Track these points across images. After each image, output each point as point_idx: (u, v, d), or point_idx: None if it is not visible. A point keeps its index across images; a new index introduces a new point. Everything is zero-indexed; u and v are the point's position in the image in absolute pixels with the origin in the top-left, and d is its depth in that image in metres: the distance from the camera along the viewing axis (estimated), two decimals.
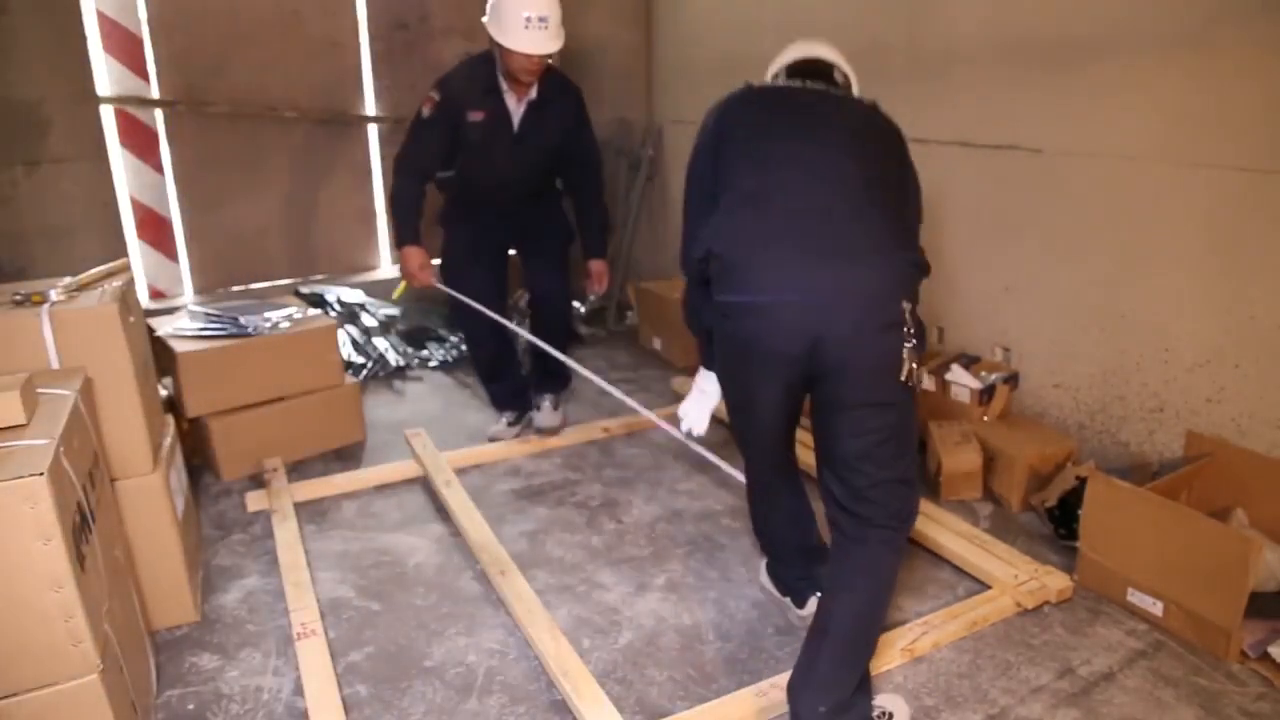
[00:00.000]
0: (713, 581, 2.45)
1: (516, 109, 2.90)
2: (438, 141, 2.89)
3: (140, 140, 3.85)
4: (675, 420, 2.29)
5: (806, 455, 3.04)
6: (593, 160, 3.17)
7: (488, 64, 2.86)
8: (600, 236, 3.22)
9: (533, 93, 2.88)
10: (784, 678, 1.99)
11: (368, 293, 4.31)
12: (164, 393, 2.85)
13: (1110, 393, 2.76)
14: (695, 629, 2.25)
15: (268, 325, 3.10)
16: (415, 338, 4.27)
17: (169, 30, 3.77)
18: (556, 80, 2.94)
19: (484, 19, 2.78)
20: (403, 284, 3.07)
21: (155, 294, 4.06)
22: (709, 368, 2.14)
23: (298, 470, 3.09)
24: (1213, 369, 2.47)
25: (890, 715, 1.86)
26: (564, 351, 3.12)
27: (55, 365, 1.95)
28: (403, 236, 2.95)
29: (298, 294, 4.00)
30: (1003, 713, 1.94)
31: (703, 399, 2.19)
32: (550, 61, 2.83)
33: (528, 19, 2.66)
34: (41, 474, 1.46)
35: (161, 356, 2.82)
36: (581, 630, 2.24)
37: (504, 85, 2.86)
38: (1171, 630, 2.17)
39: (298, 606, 2.24)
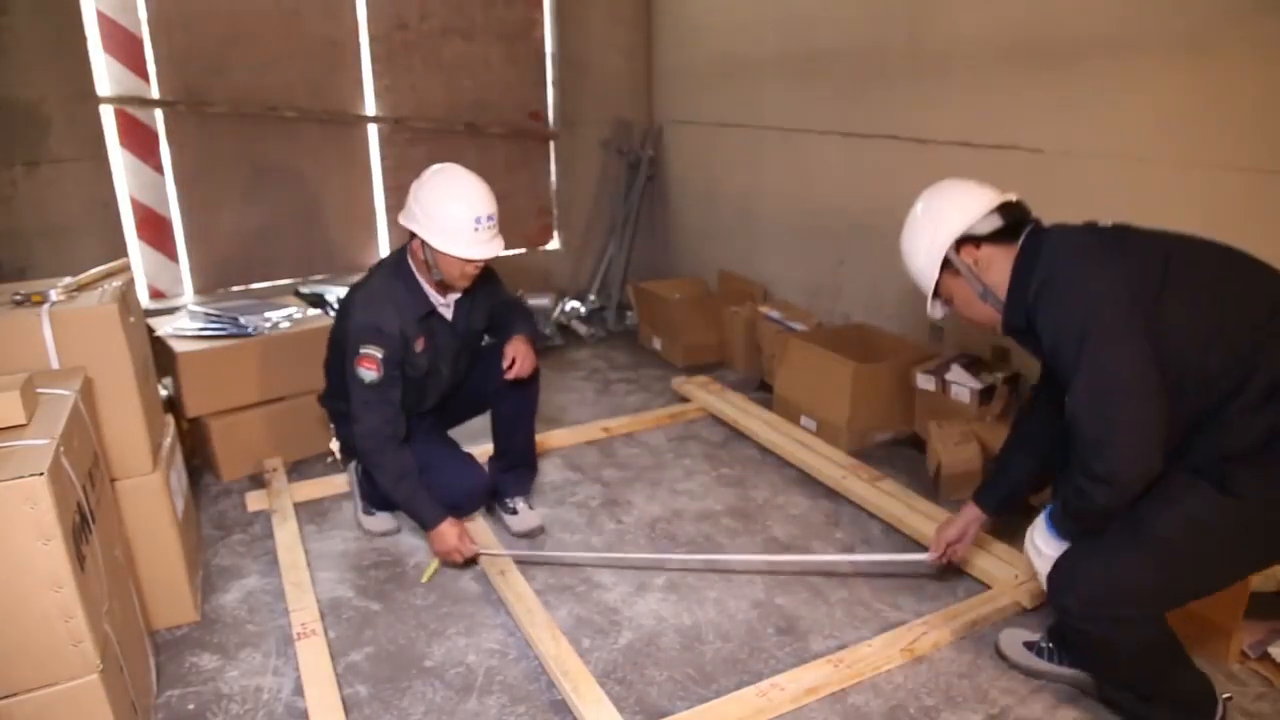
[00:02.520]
0: (713, 581, 2.44)
1: (448, 306, 2.49)
2: (398, 394, 2.37)
3: (140, 140, 3.85)
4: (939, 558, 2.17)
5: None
6: (510, 297, 2.74)
7: (408, 282, 2.38)
8: (525, 320, 2.68)
9: None
10: (784, 677, 2.00)
11: None
12: (164, 393, 2.85)
13: None
14: (695, 629, 2.25)
15: (268, 325, 3.10)
16: None
17: (169, 30, 3.77)
18: None
19: (401, 220, 2.34)
20: (435, 563, 2.49)
21: (155, 294, 4.06)
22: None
23: (298, 470, 3.09)
24: None
25: None
26: (532, 431, 2.79)
27: (55, 365, 1.95)
28: (429, 516, 2.39)
29: (298, 294, 4.00)
30: (1003, 713, 1.94)
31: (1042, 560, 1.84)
32: None
33: (477, 221, 2.26)
34: (41, 474, 1.46)
35: (161, 356, 2.82)
36: (581, 630, 2.24)
37: (436, 298, 2.44)
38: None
39: (298, 606, 2.24)
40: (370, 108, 4.31)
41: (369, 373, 2.30)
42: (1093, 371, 1.60)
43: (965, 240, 1.81)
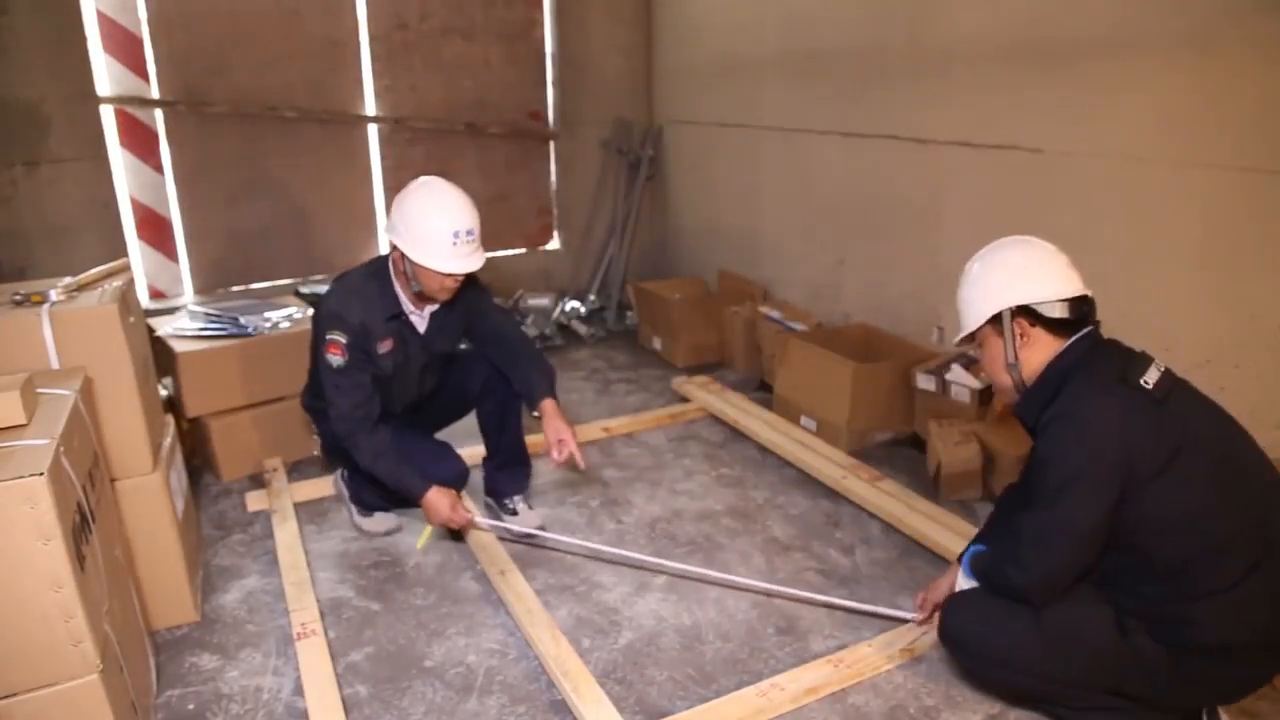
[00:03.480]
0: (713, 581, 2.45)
1: (421, 317, 2.52)
2: (367, 378, 2.41)
3: (140, 140, 3.85)
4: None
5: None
6: (511, 327, 2.71)
7: (382, 283, 2.43)
8: (545, 378, 2.58)
9: None
10: (784, 677, 2.00)
11: None
12: (164, 393, 2.85)
13: None
14: (695, 629, 2.25)
15: (268, 325, 3.10)
16: None
17: (169, 30, 3.77)
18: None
19: (384, 230, 2.40)
20: (428, 530, 2.58)
21: (155, 294, 4.06)
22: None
23: (298, 470, 3.09)
24: (1213, 369, 2.46)
25: None
26: (521, 427, 2.75)
27: (55, 365, 1.95)
28: (415, 487, 2.43)
29: (298, 294, 4.00)
30: (1002, 713, 1.93)
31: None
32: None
33: (455, 235, 2.29)
34: (41, 474, 1.46)
35: (161, 356, 2.82)
36: (581, 630, 2.24)
37: (409, 306, 2.47)
38: None
39: (298, 606, 2.24)
40: (370, 108, 4.32)
41: (335, 358, 2.37)
42: (1059, 508, 1.71)
43: (1025, 310, 1.79)
